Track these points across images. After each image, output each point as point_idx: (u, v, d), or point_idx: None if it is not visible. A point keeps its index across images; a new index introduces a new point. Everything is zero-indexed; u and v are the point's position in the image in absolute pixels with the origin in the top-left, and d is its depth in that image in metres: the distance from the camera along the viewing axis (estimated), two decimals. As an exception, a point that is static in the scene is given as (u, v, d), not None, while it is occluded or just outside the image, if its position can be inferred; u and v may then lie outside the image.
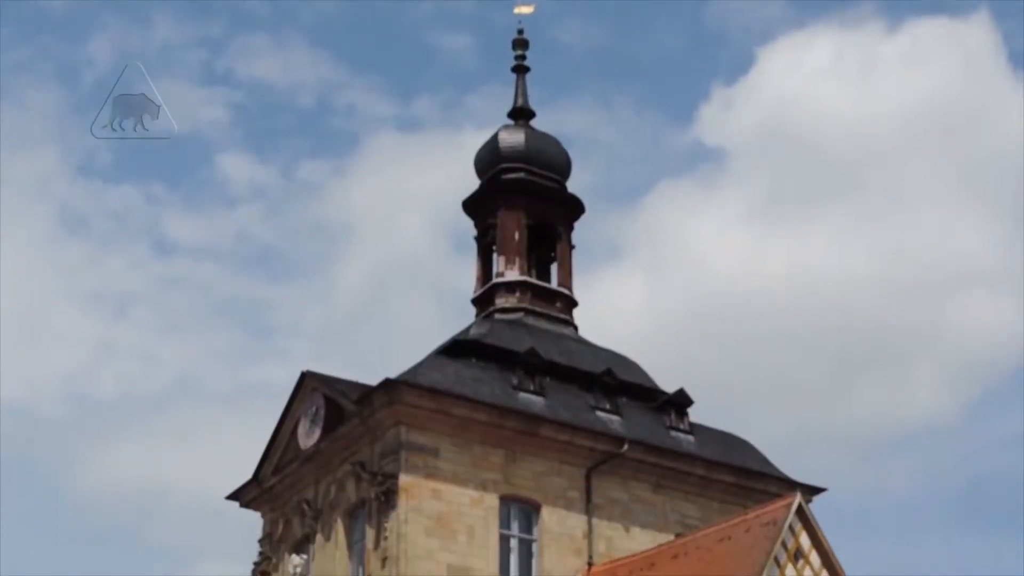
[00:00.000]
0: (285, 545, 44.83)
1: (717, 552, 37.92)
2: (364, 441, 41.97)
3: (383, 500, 40.32)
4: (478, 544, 40.72)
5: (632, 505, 43.80)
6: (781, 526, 36.42)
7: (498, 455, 41.95)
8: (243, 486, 46.73)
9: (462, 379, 42.64)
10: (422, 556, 39.75)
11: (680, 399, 47.02)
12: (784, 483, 45.63)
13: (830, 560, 36.84)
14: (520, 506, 42.18)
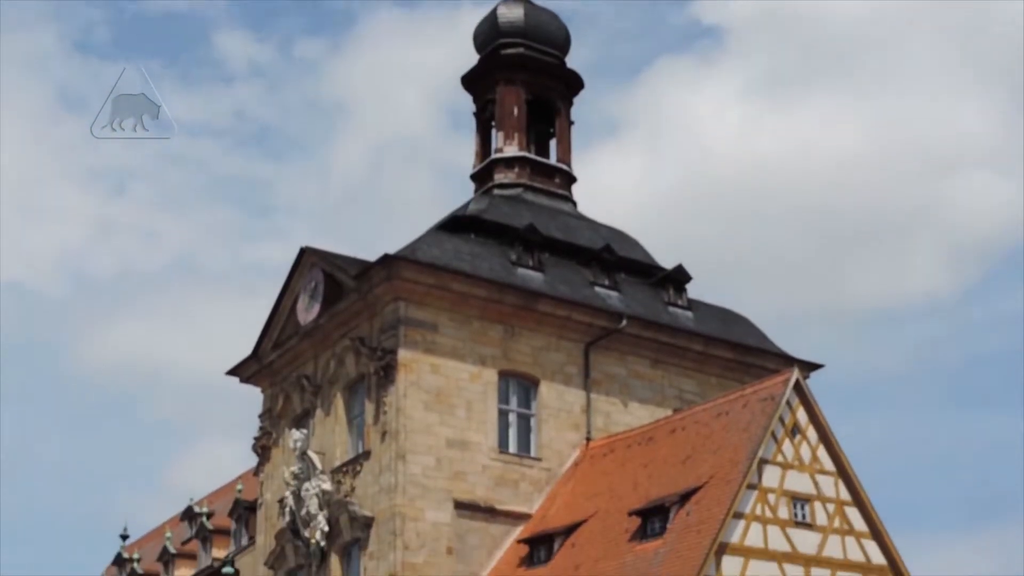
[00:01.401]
0: (285, 420, 45.13)
1: (714, 427, 38.16)
2: (363, 317, 42.08)
3: (382, 375, 40.53)
4: (476, 419, 41.01)
5: (630, 380, 44.06)
6: (778, 401, 36.60)
7: (496, 330, 42.09)
8: (243, 362, 46.92)
9: (461, 255, 42.63)
10: (421, 430, 40.04)
11: (678, 275, 47.08)
12: (781, 359, 45.86)
13: (827, 435, 37.06)
14: (518, 381, 42.41)
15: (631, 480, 39.07)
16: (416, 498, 39.51)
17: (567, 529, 38.86)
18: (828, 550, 36.25)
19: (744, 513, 35.14)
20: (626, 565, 36.01)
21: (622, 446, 41.18)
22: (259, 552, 45.11)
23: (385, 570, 39.13)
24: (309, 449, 42.52)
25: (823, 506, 36.57)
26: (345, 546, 41.14)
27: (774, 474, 36.00)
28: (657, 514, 36.43)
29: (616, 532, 37.37)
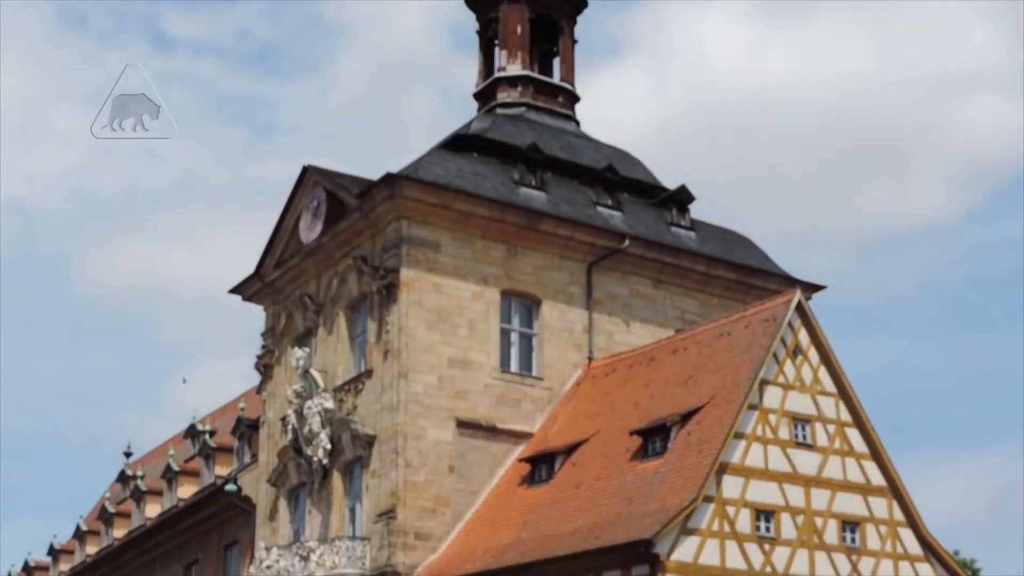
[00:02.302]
0: (287, 338, 45.20)
1: (716, 347, 38.22)
2: (365, 235, 42.03)
3: (384, 294, 40.54)
4: (479, 338, 41.07)
5: (632, 300, 44.08)
6: (780, 322, 36.64)
7: (499, 250, 42.06)
8: (245, 280, 46.93)
9: (463, 174, 42.51)
10: (423, 349, 40.11)
11: (681, 195, 46.97)
12: (784, 280, 45.86)
13: (828, 356, 37.12)
14: (521, 300, 42.43)
15: (632, 400, 39.20)
16: (418, 416, 39.65)
17: (568, 448, 39.03)
18: (828, 471, 36.42)
19: (745, 433, 35.27)
20: (627, 484, 36.19)
21: (624, 366, 41.27)
22: (262, 470, 45.34)
23: (387, 488, 39.35)
24: (311, 367, 42.63)
25: (824, 427, 36.70)
26: (347, 464, 41.34)
27: (775, 395, 36.10)
28: (658, 434, 36.57)
29: (617, 451, 37.53)
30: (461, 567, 37.49)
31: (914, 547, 37.41)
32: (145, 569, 55.18)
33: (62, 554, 65.27)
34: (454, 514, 39.57)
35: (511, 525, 37.99)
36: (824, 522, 35.93)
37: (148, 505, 56.11)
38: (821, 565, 35.58)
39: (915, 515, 37.46)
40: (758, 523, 34.93)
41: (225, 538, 49.15)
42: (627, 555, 33.60)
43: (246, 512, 46.28)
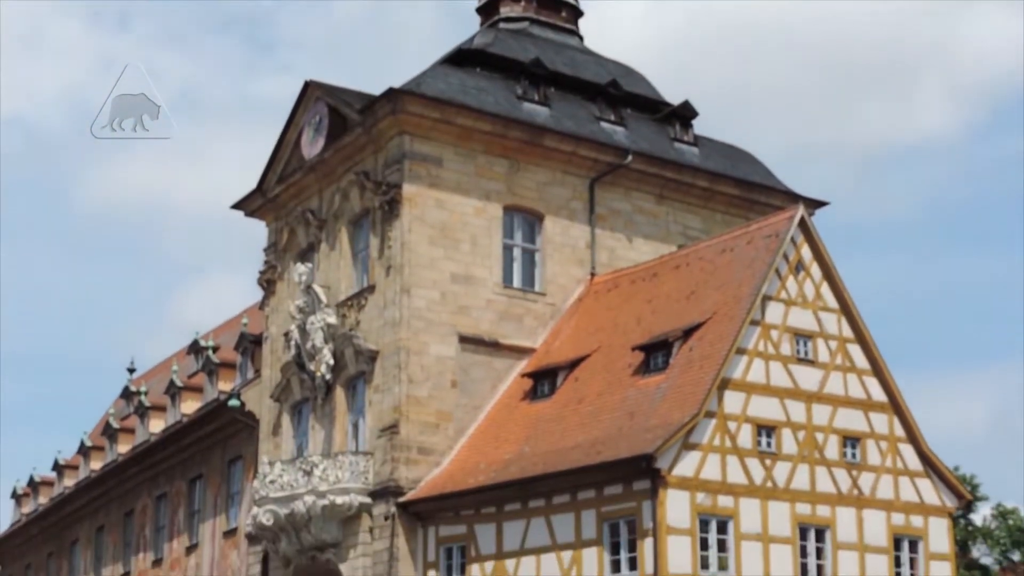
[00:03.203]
0: (290, 254, 45.18)
1: (719, 263, 38.20)
2: (368, 151, 41.89)
3: (387, 209, 40.47)
4: (481, 253, 41.04)
5: (635, 216, 43.99)
6: (783, 238, 36.59)
7: (501, 165, 41.93)
8: (247, 196, 46.84)
9: (466, 88, 42.28)
10: (425, 265, 40.10)
11: (685, 111, 46.74)
12: (787, 196, 45.75)
13: (830, 272, 37.11)
14: (523, 216, 42.36)
15: (635, 315, 39.22)
16: (420, 332, 39.71)
17: (571, 363, 39.12)
18: (830, 387, 36.53)
19: (747, 349, 35.32)
20: (629, 399, 36.30)
21: (626, 281, 41.27)
22: (265, 385, 45.48)
23: (390, 403, 39.48)
24: (314, 283, 42.62)
25: (825, 343, 36.76)
26: (350, 379, 41.45)
27: (777, 310, 36.12)
28: (660, 349, 36.62)
29: (619, 367, 37.61)
30: (464, 482, 37.70)
31: (914, 463, 37.59)
32: (149, 484, 55.49)
33: (67, 469, 65.61)
34: (456, 429, 39.73)
35: (513, 440, 38.16)
36: (825, 437, 36.08)
37: (152, 421, 56.32)
38: (822, 480, 35.79)
39: (915, 431, 37.61)
40: (759, 438, 35.08)
41: (228, 453, 49.38)
42: (629, 470, 33.78)
43: (249, 427, 46.48)
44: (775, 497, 34.88)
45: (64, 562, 64.09)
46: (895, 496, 36.99)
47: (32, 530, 68.00)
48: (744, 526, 34.26)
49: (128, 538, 57.11)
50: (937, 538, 37.62)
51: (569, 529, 35.02)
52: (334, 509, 39.20)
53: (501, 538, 36.51)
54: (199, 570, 50.31)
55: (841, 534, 35.76)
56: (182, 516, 52.48)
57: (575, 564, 34.70)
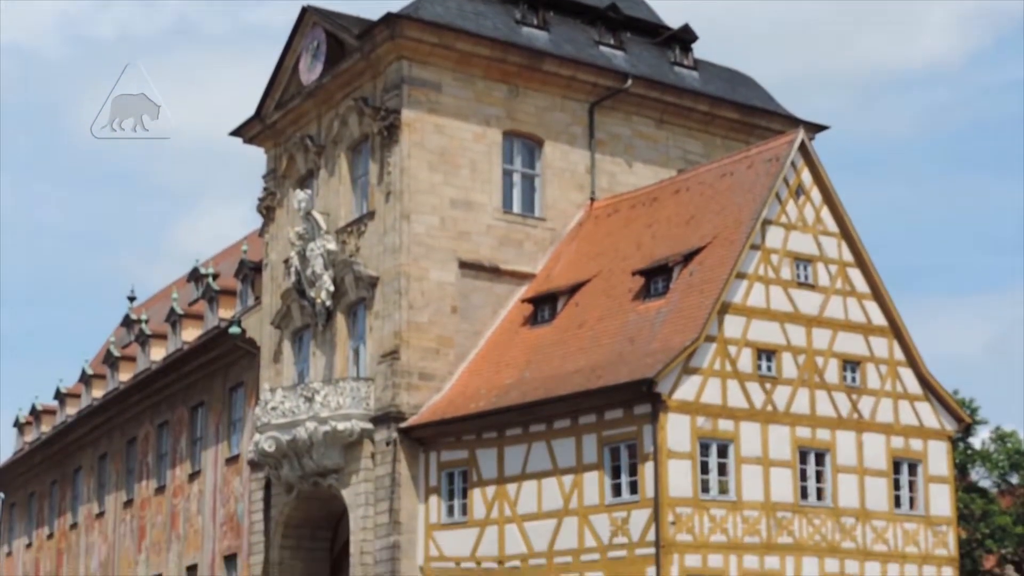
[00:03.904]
0: (289, 181, 45.06)
1: (719, 188, 38.12)
2: (366, 76, 41.69)
3: (386, 135, 40.33)
4: (481, 179, 40.95)
5: (635, 141, 43.85)
6: (783, 162, 36.50)
7: (500, 90, 41.74)
8: (246, 122, 46.64)
9: (464, 13, 42.00)
10: (425, 191, 40.02)
11: (685, 35, 46.45)
12: (787, 120, 45.57)
13: (831, 197, 37.05)
14: (523, 141, 42.22)
15: (635, 240, 39.19)
16: (420, 258, 39.69)
17: (571, 288, 39.13)
18: (830, 311, 36.59)
19: (747, 273, 35.34)
20: (629, 324, 36.35)
21: (626, 206, 41.20)
22: (265, 312, 45.50)
23: (390, 329, 39.53)
24: (313, 209, 42.55)
25: (825, 267, 36.77)
26: (351, 305, 41.47)
27: (777, 235, 36.10)
28: (660, 274, 36.64)
29: (619, 291, 37.63)
30: (464, 407, 37.82)
31: (914, 386, 37.71)
32: (151, 412, 55.64)
33: (68, 398, 65.75)
34: (457, 355, 39.80)
35: (514, 365, 38.25)
36: (825, 361, 36.17)
37: (153, 349, 56.38)
38: (822, 404, 35.93)
39: (915, 355, 37.70)
40: (759, 362, 35.17)
41: (230, 380, 49.47)
42: (629, 394, 33.90)
43: (250, 354, 46.55)
44: (775, 421, 35.02)
45: (67, 490, 64.41)
46: (895, 420, 37.13)
47: (35, 458, 68.28)
48: (744, 450, 34.44)
49: (131, 465, 57.37)
50: (936, 461, 37.80)
51: (570, 453, 35.20)
52: (336, 435, 39.35)
53: (502, 463, 36.68)
54: (202, 497, 50.60)
55: (841, 457, 35.93)
56: (184, 443, 52.70)
57: (576, 488, 34.89)
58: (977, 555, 51.73)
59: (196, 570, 50.42)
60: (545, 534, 35.39)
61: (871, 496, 36.21)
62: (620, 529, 33.90)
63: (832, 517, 35.44)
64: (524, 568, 35.74)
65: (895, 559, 36.38)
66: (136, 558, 55.39)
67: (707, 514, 33.62)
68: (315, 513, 42.19)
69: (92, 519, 60.54)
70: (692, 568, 33.19)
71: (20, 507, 71.28)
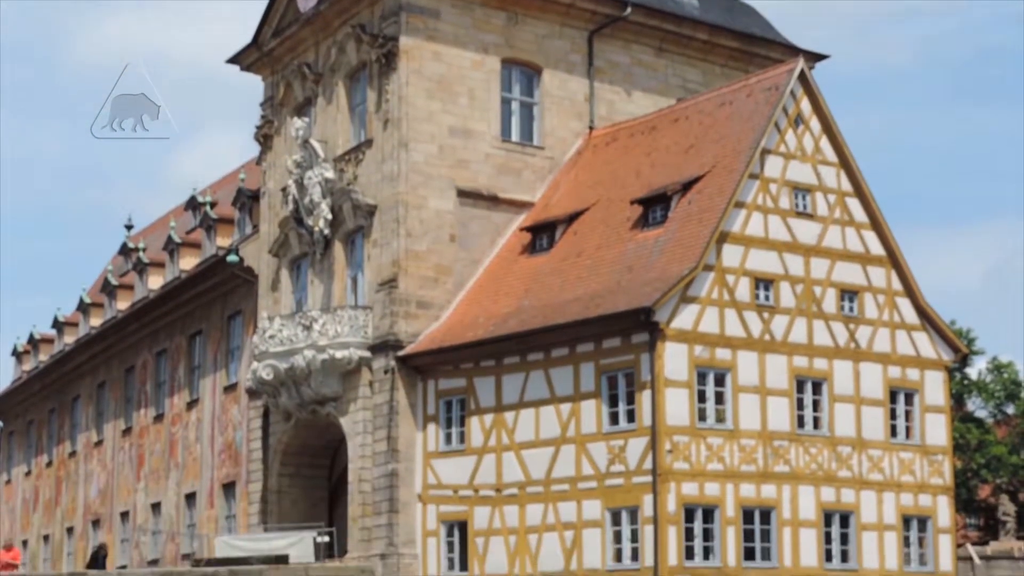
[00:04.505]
0: (287, 109, 44.87)
1: (718, 116, 37.98)
2: (364, 3, 41.42)
3: (384, 63, 40.13)
4: (479, 107, 40.79)
5: (634, 69, 43.64)
6: (782, 91, 36.33)
7: (499, 17, 41.49)
8: (243, 50, 46.38)
9: (462, -61, 41.66)
10: (423, 118, 39.88)
11: (685, -38, 46.13)
12: (787, 49, 45.34)
13: (830, 126, 36.91)
14: (521, 69, 42.02)
15: (633, 169, 39.10)
16: (419, 186, 39.61)
17: (569, 217, 39.09)
18: (828, 240, 36.56)
19: (745, 202, 35.28)
20: (627, 253, 36.33)
21: (625, 135, 41.07)
22: (263, 240, 45.45)
23: (388, 257, 39.51)
24: (311, 137, 42.40)
25: (824, 197, 36.71)
26: (348, 234, 41.43)
27: (776, 164, 36.01)
28: (659, 203, 36.58)
29: (618, 220, 37.58)
30: (463, 335, 37.87)
31: (911, 316, 37.75)
32: (149, 340, 55.69)
33: (66, 326, 65.84)
34: (455, 283, 39.82)
35: (512, 294, 38.26)
36: (823, 291, 36.19)
37: (150, 277, 56.35)
38: (819, 333, 35.97)
39: (913, 285, 37.71)
40: (757, 292, 35.19)
41: (228, 309, 49.49)
42: (627, 323, 33.94)
43: (248, 283, 46.54)
44: (772, 350, 35.08)
45: (66, 418, 64.61)
46: (892, 349, 37.19)
47: (33, 387, 68.45)
48: (741, 379, 34.51)
49: (129, 394, 57.51)
50: (933, 391, 37.90)
51: (568, 382, 35.28)
52: (334, 363, 39.43)
53: (500, 391, 36.78)
54: (200, 425, 50.76)
55: (838, 387, 36.02)
56: (182, 372, 52.79)
57: (573, 416, 35.01)
58: (972, 485, 52.11)
59: (195, 498, 50.68)
60: (543, 462, 35.55)
61: (867, 425, 36.34)
62: (617, 457, 34.04)
63: (828, 446, 35.57)
64: (521, 496, 35.92)
65: (891, 488, 36.55)
66: (135, 486, 55.65)
67: (704, 443, 33.75)
68: (313, 441, 42.37)
69: (91, 447, 60.78)
70: (689, 496, 33.35)
71: (19, 435, 71.55)
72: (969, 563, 41.54)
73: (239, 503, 46.57)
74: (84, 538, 60.16)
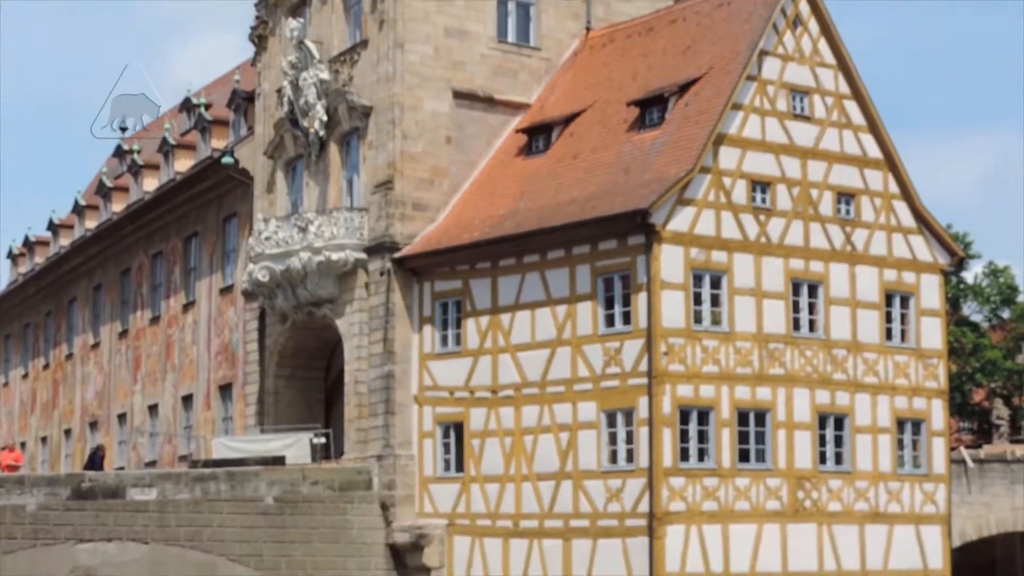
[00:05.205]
0: (282, 9, 44.42)
1: (716, 17, 37.67)
2: (359, -99, 40.96)
3: (379, -38, 39.75)
4: (475, 7, 40.42)
5: (631, -12, 43.17)
6: (781, -8, 36.04)
7: (496, -84, 41.06)
8: (237, -52, 45.91)
9: None
10: (419, 19, 39.54)
11: None
12: (787, -50, 44.76)
13: (828, 28, 36.64)
14: (519, -38, 41.68)
15: (630, 70, 38.84)
16: (414, 87, 39.36)
17: (566, 119, 38.90)
18: (825, 143, 36.45)
19: (743, 104, 35.11)
20: (624, 154, 36.21)
21: (622, 36, 40.74)
22: (258, 142, 45.22)
23: (384, 159, 39.35)
24: (306, 38, 42.07)
25: (822, 99, 36.53)
26: (344, 135, 41.24)
27: (774, 66, 35.79)
28: (656, 104, 36.40)
29: (614, 122, 37.41)
30: (458, 237, 37.81)
31: (908, 220, 37.71)
32: (144, 242, 55.61)
33: (61, 229, 65.73)
34: (451, 185, 39.70)
35: (508, 195, 38.16)
36: (820, 194, 36.11)
37: (145, 179, 56.18)
38: (816, 236, 35.94)
39: (910, 188, 37.64)
40: (754, 194, 35.12)
41: (224, 211, 49.36)
42: (623, 225, 33.90)
43: (244, 185, 46.38)
44: (769, 252, 35.06)
45: (62, 320, 64.68)
46: (888, 252, 37.19)
47: (29, 289, 68.45)
48: (737, 281, 34.52)
49: (125, 296, 57.53)
50: (928, 294, 37.95)
51: (564, 284, 35.29)
52: (329, 265, 39.41)
53: (496, 293, 36.80)
54: (196, 327, 50.82)
55: (834, 290, 36.05)
56: (178, 274, 52.76)
57: (569, 318, 35.05)
58: (967, 389, 52.32)
59: (191, 400, 50.87)
60: (538, 364, 35.64)
61: (863, 328, 36.40)
62: (613, 359, 34.11)
63: (824, 349, 35.66)
64: (517, 397, 36.05)
65: (885, 391, 36.69)
66: (132, 388, 55.84)
67: (699, 345, 33.82)
68: (309, 343, 42.44)
69: (88, 349, 60.90)
70: (684, 398, 33.49)
71: (15, 338, 71.66)
72: (962, 466, 41.83)
73: (236, 405, 46.77)
74: (82, 440, 60.47)
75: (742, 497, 33.97)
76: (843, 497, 35.57)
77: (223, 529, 35.85)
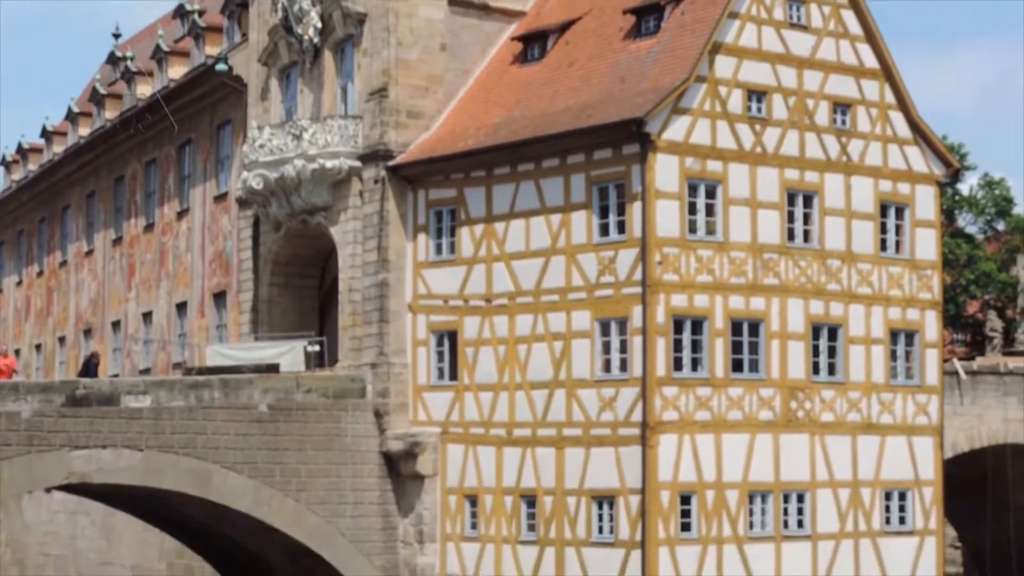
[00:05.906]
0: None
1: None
2: None
3: None
4: None
5: None
6: None
7: None
8: None
9: None
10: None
11: None
12: None
13: (828, -66, 36.35)
14: None
15: (627, -22, 38.52)
16: (409, -7, 39.10)
17: (561, 27, 38.62)
18: (822, 52, 36.26)
19: (739, 13, 34.88)
20: (619, 64, 36.00)
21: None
22: (252, 49, 44.84)
23: (378, 67, 39.11)
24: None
25: (818, 8, 36.32)
26: (338, 42, 40.93)
27: (772, -27, 35.53)
28: (652, 12, 36.16)
29: (610, 30, 37.15)
30: (453, 145, 37.68)
31: (904, 130, 37.60)
32: (138, 150, 55.36)
33: (55, 136, 65.42)
34: (446, 93, 39.48)
35: (503, 104, 37.98)
36: (816, 103, 35.98)
37: (139, 86, 55.81)
38: (811, 146, 35.85)
39: (906, 99, 37.49)
40: (750, 103, 34.98)
41: (217, 118, 49.10)
42: (618, 133, 33.79)
43: (237, 92, 46.09)
44: (764, 162, 34.98)
45: (56, 228, 64.56)
46: (883, 163, 37.11)
47: (22, 197, 68.25)
48: (732, 191, 34.47)
49: (119, 204, 57.38)
50: (923, 205, 37.92)
51: (558, 193, 35.22)
52: (324, 173, 39.29)
53: (490, 201, 36.73)
54: (190, 235, 50.75)
55: (829, 200, 36.01)
56: (172, 181, 52.59)
57: (564, 227, 35.01)
58: (961, 300, 52.50)
59: (186, 307, 50.89)
60: (532, 272, 35.65)
61: (857, 239, 36.40)
62: (607, 268, 34.13)
63: (818, 259, 35.68)
64: (511, 306, 36.09)
65: (879, 302, 36.76)
66: (126, 295, 55.86)
67: (694, 254, 33.83)
68: (303, 250, 42.38)
69: (81, 257, 60.85)
70: (678, 308, 33.54)
71: (9, 245, 71.57)
72: (955, 377, 42.04)
73: (230, 312, 46.78)
74: (76, 347, 60.58)
75: (735, 407, 34.13)
76: (836, 408, 35.73)
77: (217, 436, 35.97)
